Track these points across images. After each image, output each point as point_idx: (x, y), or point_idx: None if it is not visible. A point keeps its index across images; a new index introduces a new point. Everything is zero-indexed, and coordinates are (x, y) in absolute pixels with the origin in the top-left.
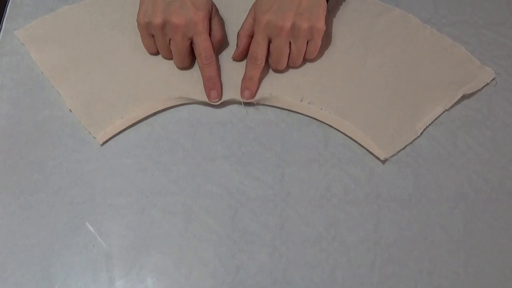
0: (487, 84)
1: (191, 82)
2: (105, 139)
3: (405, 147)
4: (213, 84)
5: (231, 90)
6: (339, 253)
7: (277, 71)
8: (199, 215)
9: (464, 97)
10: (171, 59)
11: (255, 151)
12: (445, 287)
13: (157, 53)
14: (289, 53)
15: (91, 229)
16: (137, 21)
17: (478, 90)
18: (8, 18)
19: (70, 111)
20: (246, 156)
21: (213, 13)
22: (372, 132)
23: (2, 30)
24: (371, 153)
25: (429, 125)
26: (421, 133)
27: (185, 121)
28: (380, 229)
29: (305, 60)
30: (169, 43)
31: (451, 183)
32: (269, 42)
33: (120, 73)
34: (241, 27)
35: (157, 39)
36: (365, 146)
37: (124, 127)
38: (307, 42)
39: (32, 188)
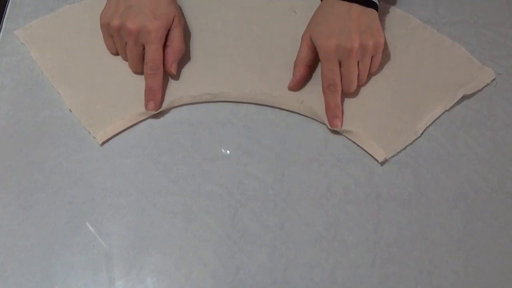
0: (487, 84)
1: (190, 83)
2: (105, 139)
3: (405, 147)
4: (153, 95)
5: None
6: (339, 253)
7: (348, 93)
8: (199, 215)
9: (464, 97)
10: None
11: (255, 151)
12: (445, 287)
13: (117, 53)
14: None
15: (91, 229)
16: (99, 19)
17: (478, 91)
18: (8, 18)
19: (70, 111)
20: (246, 156)
21: (174, 24)
22: (372, 133)
23: (2, 30)
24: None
25: (429, 125)
26: (421, 133)
27: (185, 121)
28: (380, 229)
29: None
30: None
31: (451, 183)
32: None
33: (120, 73)
34: (298, 56)
35: (115, 40)
36: (364, 148)
37: (124, 127)
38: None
39: (32, 188)
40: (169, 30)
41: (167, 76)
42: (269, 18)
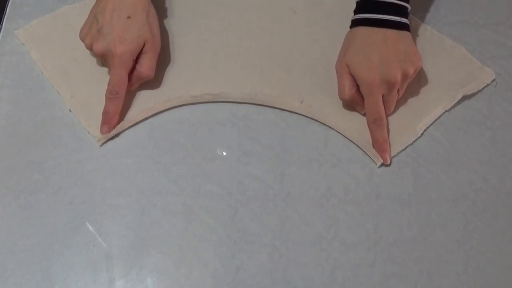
0: (487, 84)
1: (190, 83)
2: (105, 139)
3: (405, 147)
4: (108, 119)
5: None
6: (339, 253)
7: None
8: (199, 215)
9: (464, 97)
10: None
11: (255, 151)
12: (445, 287)
13: None
14: None
15: (91, 229)
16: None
17: (478, 91)
18: (8, 18)
19: (70, 111)
20: (246, 156)
21: (145, 49)
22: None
23: (2, 30)
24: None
25: (429, 125)
26: (422, 133)
27: (185, 121)
28: (380, 229)
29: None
30: None
31: (451, 183)
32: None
33: None
34: (343, 88)
35: None
36: (364, 150)
37: (124, 128)
38: None
39: (32, 188)
40: (140, 54)
41: (164, 75)
42: (269, 18)
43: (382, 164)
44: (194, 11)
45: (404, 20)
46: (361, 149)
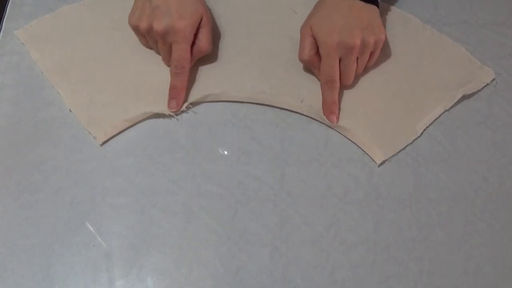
0: (487, 84)
1: (190, 83)
2: (105, 139)
3: (405, 147)
4: (175, 94)
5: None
6: (339, 253)
7: (345, 87)
8: (199, 215)
9: (464, 97)
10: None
11: (255, 151)
12: (445, 287)
13: (152, 49)
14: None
15: (91, 229)
16: (128, 21)
17: (478, 90)
18: (8, 18)
19: (70, 111)
20: (246, 156)
21: (202, 23)
22: (371, 133)
23: (2, 30)
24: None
25: (429, 125)
26: (421, 133)
27: (185, 121)
28: (380, 229)
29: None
30: None
31: (451, 183)
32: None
33: (120, 73)
34: (302, 51)
35: (148, 39)
36: (364, 149)
37: (124, 127)
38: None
39: (32, 188)
40: (197, 29)
41: (164, 76)
42: (269, 18)
43: (382, 163)
44: None
45: None
46: (361, 148)
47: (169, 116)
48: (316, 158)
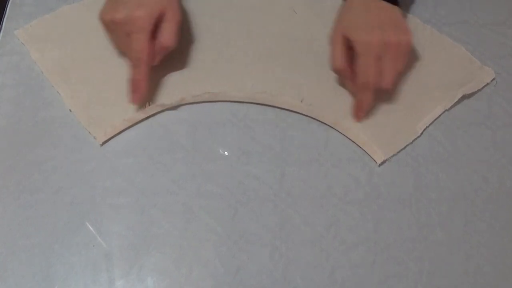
0: (487, 84)
1: (190, 82)
2: (105, 139)
3: (405, 147)
4: (135, 87)
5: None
6: (339, 253)
7: (386, 90)
8: (199, 215)
9: (464, 97)
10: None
11: (255, 151)
12: (445, 287)
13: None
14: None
15: (91, 229)
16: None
17: (478, 90)
18: (8, 18)
19: (70, 111)
20: (246, 156)
21: (166, 18)
22: (371, 133)
23: (2, 30)
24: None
25: (429, 125)
26: (421, 133)
27: (185, 121)
28: (380, 229)
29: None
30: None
31: (451, 183)
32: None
33: (120, 73)
34: (336, 59)
35: (113, 36)
36: (364, 149)
37: (124, 127)
38: None
39: (32, 188)
40: (161, 23)
41: (164, 75)
42: (269, 18)
43: (382, 163)
44: (195, 11)
45: None
46: (361, 148)
47: (169, 114)
48: (316, 158)
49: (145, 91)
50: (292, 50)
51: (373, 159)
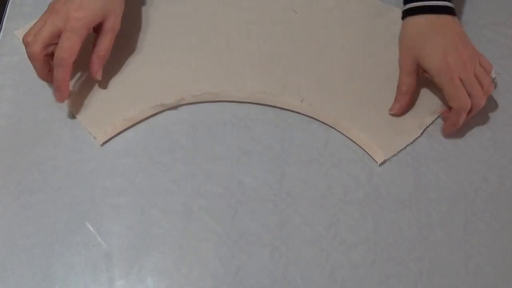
0: None
1: (190, 82)
2: (105, 139)
3: (405, 147)
4: (58, 87)
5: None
6: (339, 253)
7: (477, 109)
8: (199, 215)
9: None
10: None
11: (255, 151)
12: (445, 287)
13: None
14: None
15: (91, 229)
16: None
17: None
18: (8, 18)
19: (70, 111)
20: (246, 156)
21: (106, 27)
22: (372, 133)
23: (2, 30)
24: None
25: (429, 125)
26: (422, 133)
27: (185, 121)
28: (380, 229)
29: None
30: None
31: (451, 183)
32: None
33: (120, 74)
34: (403, 83)
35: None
36: (364, 149)
37: (124, 127)
38: None
39: (32, 188)
40: (99, 34)
41: (164, 75)
42: (269, 18)
43: (383, 163)
44: (194, 10)
45: (450, 4)
46: (362, 148)
47: (169, 114)
48: (316, 158)
49: (67, 90)
50: (292, 50)
51: (373, 159)
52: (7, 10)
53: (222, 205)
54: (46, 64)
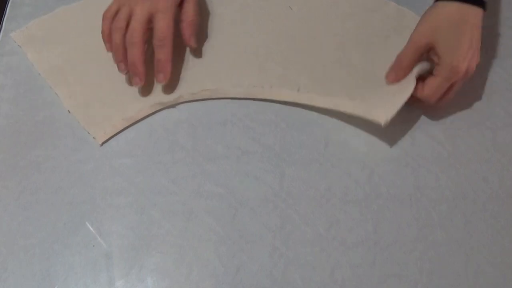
0: (487, 84)
1: (190, 82)
2: (104, 139)
3: (404, 143)
4: (161, 67)
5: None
6: (339, 253)
7: (438, 107)
8: (199, 215)
9: (464, 97)
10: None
11: (255, 151)
12: (445, 287)
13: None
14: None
15: (91, 229)
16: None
17: (478, 89)
18: (8, 18)
19: (69, 112)
20: (246, 156)
21: None
22: (370, 101)
23: (2, 30)
24: (372, 148)
25: (429, 125)
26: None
27: (185, 121)
28: (380, 229)
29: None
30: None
31: (451, 183)
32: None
33: (118, 73)
34: (405, 56)
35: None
36: (366, 116)
37: (124, 127)
38: None
39: (32, 188)
40: (182, 4)
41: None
42: (265, 15)
43: (387, 124)
44: None
45: None
46: (362, 145)
47: (169, 114)
48: (316, 158)
49: (170, 70)
50: (289, 45)
51: (375, 157)
52: (7, 11)
53: (222, 205)
54: (143, 47)
